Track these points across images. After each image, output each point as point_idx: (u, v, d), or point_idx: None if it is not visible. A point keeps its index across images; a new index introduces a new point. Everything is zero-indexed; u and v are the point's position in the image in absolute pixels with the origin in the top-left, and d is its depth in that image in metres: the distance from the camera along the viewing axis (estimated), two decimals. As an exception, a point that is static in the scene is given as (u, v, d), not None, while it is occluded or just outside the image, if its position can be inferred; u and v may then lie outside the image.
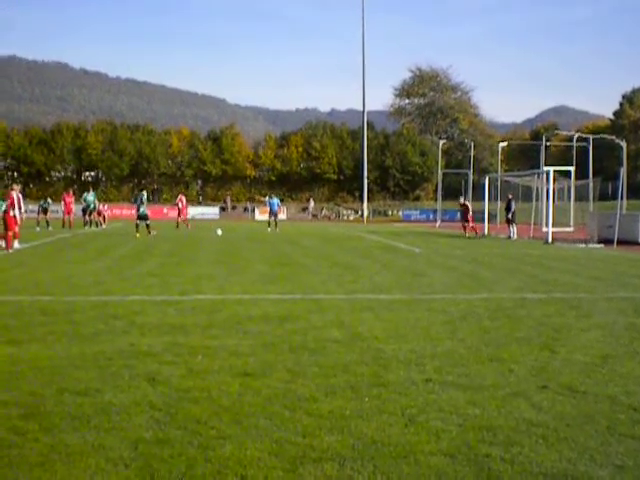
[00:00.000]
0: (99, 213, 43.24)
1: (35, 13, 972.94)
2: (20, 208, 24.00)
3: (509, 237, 36.02)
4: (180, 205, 44.02)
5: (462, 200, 41.64)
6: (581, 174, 50.44)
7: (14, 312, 10.98)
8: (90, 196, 42.55)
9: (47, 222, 39.49)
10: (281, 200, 40.23)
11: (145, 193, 36.01)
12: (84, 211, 42.05)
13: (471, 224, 39.61)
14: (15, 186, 25.21)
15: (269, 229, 40.98)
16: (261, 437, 5.45)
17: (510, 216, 36.85)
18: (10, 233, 23.54)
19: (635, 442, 5.51)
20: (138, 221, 34.14)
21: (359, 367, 7.67)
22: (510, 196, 38.45)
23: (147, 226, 33.84)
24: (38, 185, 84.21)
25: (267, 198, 46.44)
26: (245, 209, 79.06)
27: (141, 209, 34.34)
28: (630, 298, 13.83)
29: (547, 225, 34.08)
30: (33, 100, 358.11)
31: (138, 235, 32.65)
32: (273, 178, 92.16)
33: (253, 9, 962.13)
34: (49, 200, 43.42)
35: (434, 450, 5.23)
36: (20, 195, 24.49)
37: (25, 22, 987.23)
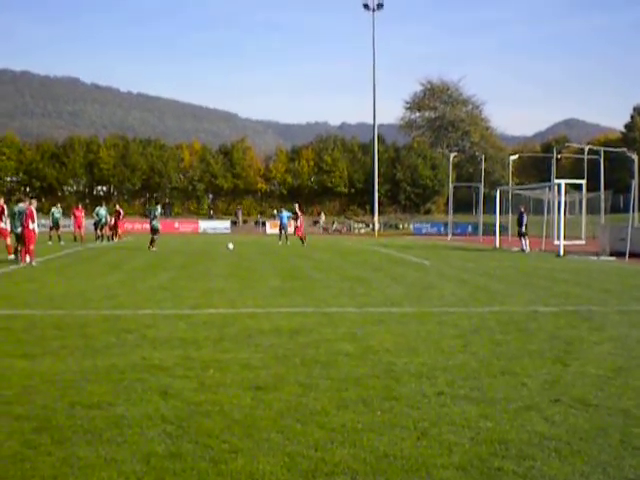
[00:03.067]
0: (111, 227, 43.33)
1: (47, 28, 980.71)
2: (33, 222, 24.05)
3: (522, 250, 35.89)
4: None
5: (297, 207, 41.94)
6: (592, 187, 50.36)
7: (27, 326, 11.01)
8: (102, 210, 42.72)
9: (59, 237, 39.60)
10: (294, 213, 41.01)
11: (159, 207, 36.13)
12: (96, 225, 42.20)
13: (300, 232, 40.07)
14: (33, 201, 25.31)
15: (280, 242, 41.38)
16: (273, 451, 5.44)
17: (523, 229, 36.73)
18: (32, 247, 23.69)
19: (649, 456, 5.48)
20: (153, 234, 34.44)
21: (371, 380, 7.66)
22: (522, 209, 38.37)
23: (152, 240, 33.92)
24: (50, 200, 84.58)
25: (276, 212, 46.68)
26: (256, 223, 79.22)
27: (153, 222, 34.47)
28: (643, 311, 13.76)
29: (559, 238, 34.01)
30: (45, 115, 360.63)
31: (155, 249, 32.85)
32: (284, 192, 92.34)
33: (264, 23, 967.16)
34: (59, 207, 42.96)
35: (446, 464, 5.22)
36: (35, 210, 24.58)
37: (37, 37, 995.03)
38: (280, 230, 43.42)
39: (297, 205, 42.71)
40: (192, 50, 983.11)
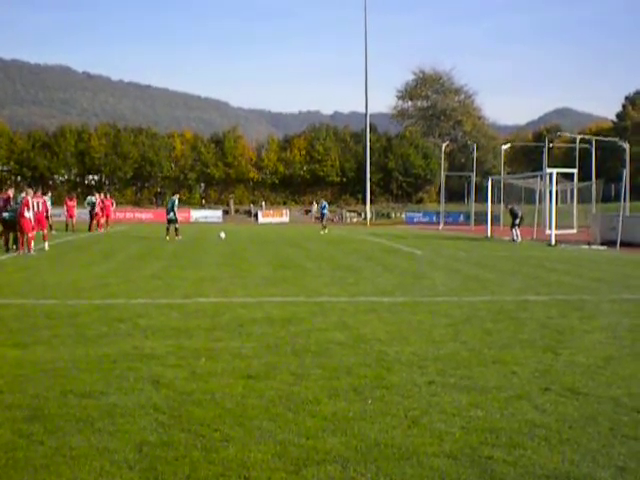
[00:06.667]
0: (99, 217, 42.97)
1: (38, 16, 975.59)
2: (29, 210, 23.87)
3: (513, 240, 35.82)
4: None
5: (96, 197, 43.10)
6: (584, 176, 50.44)
7: (19, 315, 11.01)
8: (93, 199, 42.58)
9: (50, 226, 39.44)
10: (326, 203, 48.84)
11: (176, 198, 35.76)
12: (91, 214, 41.98)
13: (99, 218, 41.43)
14: (29, 190, 25.21)
15: (322, 232, 43.74)
16: (264, 439, 5.47)
17: (517, 221, 36.58)
18: (31, 235, 23.62)
19: (637, 444, 5.52)
20: (168, 225, 34.45)
21: (362, 369, 7.68)
22: (510, 206, 38.54)
23: (176, 229, 34.10)
24: (41, 189, 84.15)
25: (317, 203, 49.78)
26: (248, 212, 79.13)
27: (171, 214, 34.37)
28: (634, 300, 13.83)
29: (550, 227, 34.08)
30: (36, 103, 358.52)
31: (168, 238, 32.84)
32: (276, 181, 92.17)
33: (256, 11, 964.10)
34: (49, 195, 42.60)
35: (437, 452, 5.25)
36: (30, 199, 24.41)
37: (28, 25, 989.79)
38: (321, 220, 47.52)
39: (97, 195, 43.87)
40: (183, 39, 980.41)
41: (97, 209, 42.17)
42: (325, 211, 47.84)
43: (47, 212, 28.45)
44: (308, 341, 9.17)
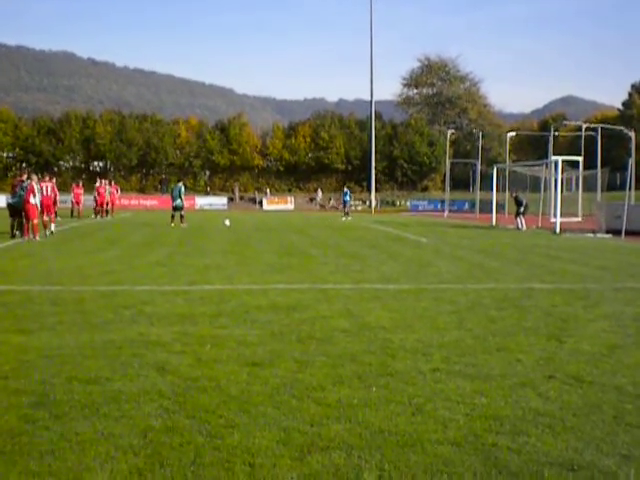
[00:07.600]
0: (108, 203, 43.06)
1: (43, 2, 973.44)
2: (34, 196, 23.88)
3: (518, 228, 35.83)
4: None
5: (99, 183, 43.12)
6: (589, 164, 50.26)
7: (24, 301, 11.03)
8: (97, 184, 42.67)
9: (55, 212, 39.48)
10: (348, 190, 51.86)
11: (181, 185, 35.30)
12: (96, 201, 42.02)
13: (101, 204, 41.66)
14: (33, 176, 25.23)
15: (343, 219, 46.33)
16: (269, 426, 5.47)
17: (522, 209, 36.56)
18: (35, 221, 23.65)
19: (641, 432, 5.52)
20: (174, 212, 34.25)
21: (366, 357, 7.69)
22: (514, 194, 38.55)
23: (181, 217, 33.88)
24: (49, 176, 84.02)
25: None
26: (253, 199, 79.13)
27: (178, 200, 34.12)
28: (638, 288, 13.82)
29: (555, 215, 34.03)
30: (41, 90, 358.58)
31: (173, 225, 32.80)
32: (281, 168, 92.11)
33: (262, 1, 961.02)
34: (53, 181, 42.48)
35: (441, 439, 5.25)
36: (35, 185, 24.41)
37: (33, 11, 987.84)
38: (344, 207, 49.96)
39: (100, 182, 43.79)
40: (188, 25, 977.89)
41: (95, 194, 42.05)
42: (347, 198, 49.71)
43: (55, 197, 28.50)
44: (313, 328, 9.18)
